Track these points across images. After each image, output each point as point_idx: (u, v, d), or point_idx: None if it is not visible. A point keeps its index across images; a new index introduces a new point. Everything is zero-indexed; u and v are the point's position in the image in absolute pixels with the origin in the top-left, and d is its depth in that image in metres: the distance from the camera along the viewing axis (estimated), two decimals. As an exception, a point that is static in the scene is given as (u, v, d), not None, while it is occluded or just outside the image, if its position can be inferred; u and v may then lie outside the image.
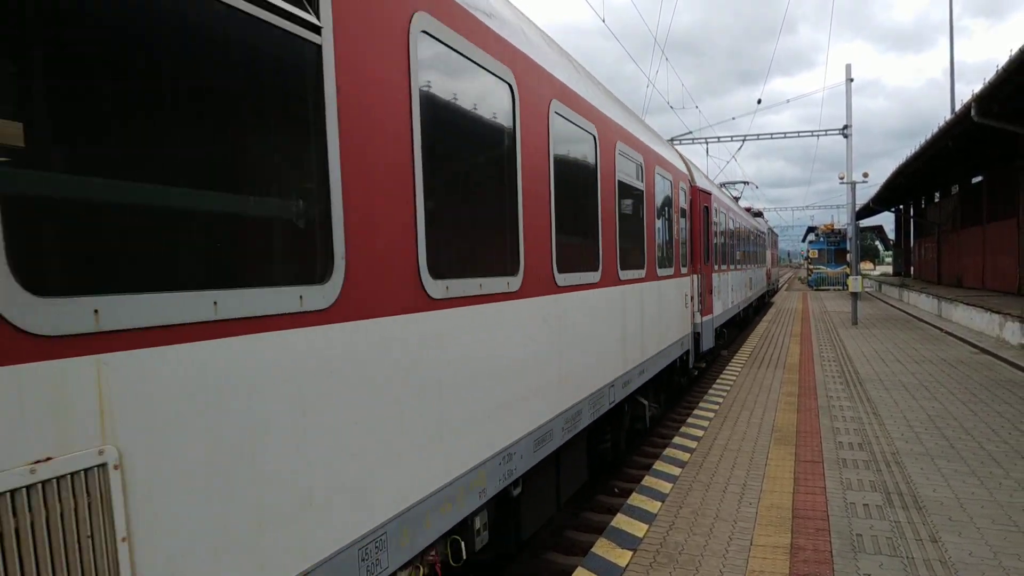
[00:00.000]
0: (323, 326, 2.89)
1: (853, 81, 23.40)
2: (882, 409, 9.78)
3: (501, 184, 4.73)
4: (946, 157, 26.57)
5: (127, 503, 2.05)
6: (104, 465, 1.99)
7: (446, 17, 3.92)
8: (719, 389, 11.76)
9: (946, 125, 22.30)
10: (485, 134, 4.55)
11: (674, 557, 5.06)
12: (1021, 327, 15.52)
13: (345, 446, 3.01)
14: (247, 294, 2.52)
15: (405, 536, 3.44)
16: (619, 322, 7.49)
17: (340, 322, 2.99)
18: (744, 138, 32.96)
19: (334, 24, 2.98)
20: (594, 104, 6.76)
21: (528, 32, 5.38)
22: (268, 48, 2.71)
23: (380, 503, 3.25)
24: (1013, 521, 5.55)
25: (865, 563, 4.86)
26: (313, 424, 2.83)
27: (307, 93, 2.90)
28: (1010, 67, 15.55)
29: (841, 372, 13.16)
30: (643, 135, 9.12)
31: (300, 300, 2.75)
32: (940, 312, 24.42)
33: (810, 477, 6.80)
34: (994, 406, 9.82)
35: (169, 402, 2.20)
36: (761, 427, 8.89)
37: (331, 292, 2.93)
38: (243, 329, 2.49)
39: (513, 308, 4.77)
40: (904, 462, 7.22)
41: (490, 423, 4.42)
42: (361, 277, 3.14)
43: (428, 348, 3.69)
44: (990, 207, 28.59)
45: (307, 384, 2.80)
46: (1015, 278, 24.34)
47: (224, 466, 2.39)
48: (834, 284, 48.88)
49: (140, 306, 2.11)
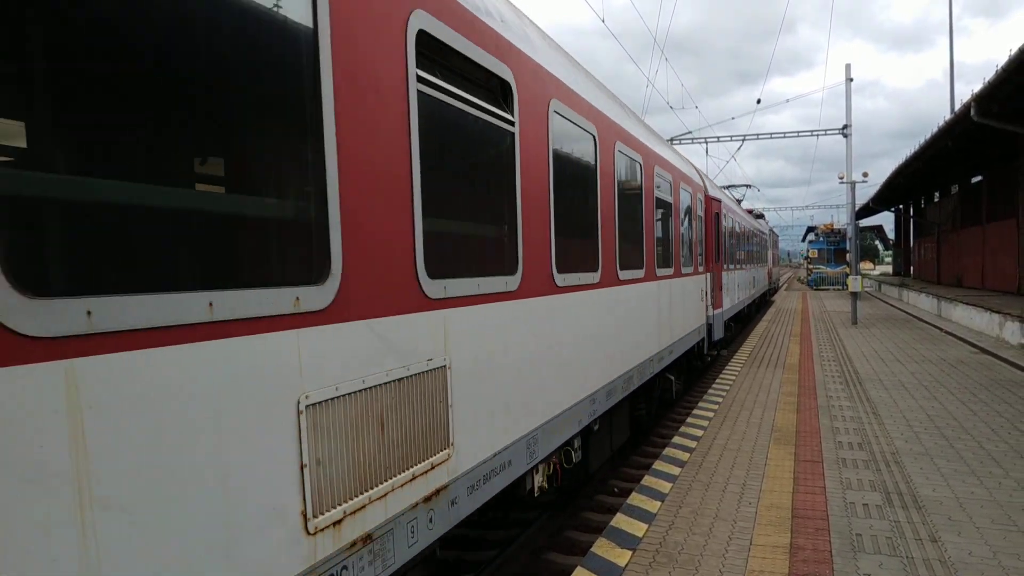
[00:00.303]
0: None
1: (853, 81, 23.42)
2: (882, 409, 9.78)
3: (586, 197, 6.56)
4: (946, 157, 26.57)
5: (452, 386, 3.93)
6: (444, 366, 3.84)
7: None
8: (719, 389, 11.76)
9: (946, 125, 22.31)
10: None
11: (673, 557, 5.06)
12: (1021, 327, 15.52)
13: (525, 379, 4.96)
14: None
15: (545, 441, 5.37)
16: (655, 310, 9.40)
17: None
18: (744, 138, 32.97)
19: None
20: (639, 137, 8.64)
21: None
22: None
23: (538, 414, 5.23)
24: (1012, 521, 5.54)
25: (865, 563, 4.86)
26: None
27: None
28: (1009, 67, 15.55)
29: (841, 372, 13.16)
30: (673, 159, 11.51)
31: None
32: (940, 312, 24.43)
33: (810, 477, 6.79)
34: (994, 406, 9.82)
35: (472, 331, 4.18)
36: (761, 427, 8.89)
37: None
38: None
39: (595, 295, 6.72)
40: (904, 462, 7.22)
41: (587, 376, 6.43)
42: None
43: (555, 319, 5.60)
44: (990, 207, 28.60)
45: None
46: (1015, 278, 24.34)
47: (494, 374, 4.48)
48: (834, 284, 48.90)
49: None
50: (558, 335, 5.66)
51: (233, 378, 2.44)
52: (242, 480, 2.47)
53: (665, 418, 12.33)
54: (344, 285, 3.01)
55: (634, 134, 8.33)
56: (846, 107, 24.19)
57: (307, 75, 2.86)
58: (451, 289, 3.92)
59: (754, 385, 11.97)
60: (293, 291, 2.72)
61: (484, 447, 4.36)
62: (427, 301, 3.68)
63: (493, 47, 4.49)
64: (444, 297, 3.85)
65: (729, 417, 9.52)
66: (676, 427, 11.16)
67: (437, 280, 3.75)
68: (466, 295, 4.12)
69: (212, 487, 2.35)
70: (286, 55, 2.78)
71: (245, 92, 2.65)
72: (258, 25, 2.63)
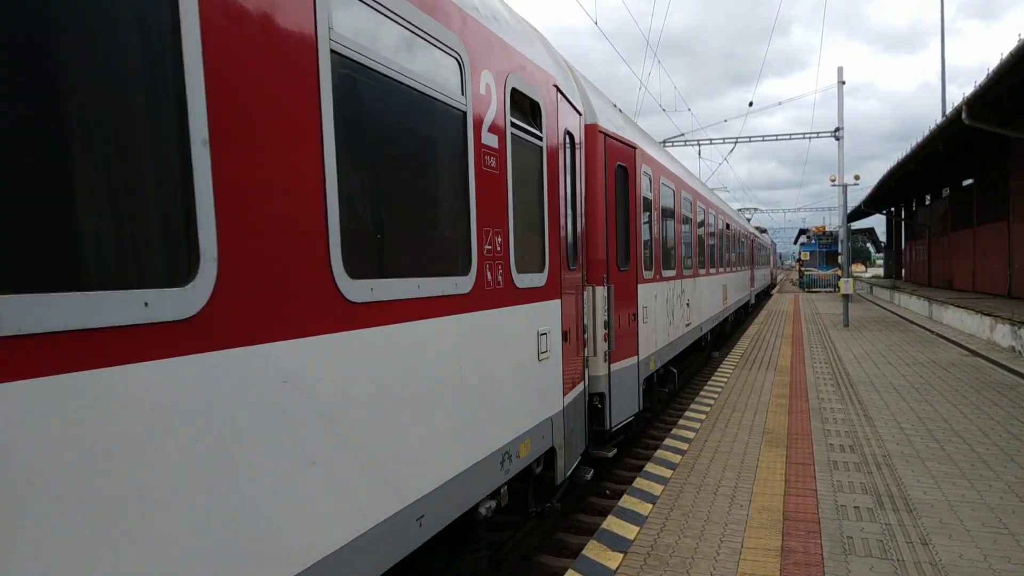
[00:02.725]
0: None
1: (845, 84, 23.50)
2: (873, 411, 9.80)
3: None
4: (937, 160, 26.73)
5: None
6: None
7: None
8: (710, 391, 11.76)
9: (937, 128, 22.43)
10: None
11: (665, 559, 5.04)
12: (1011, 329, 15.60)
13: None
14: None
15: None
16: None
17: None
18: (736, 140, 33.09)
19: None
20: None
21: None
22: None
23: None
24: (1003, 523, 5.55)
25: (856, 565, 4.85)
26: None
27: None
28: (1000, 71, 15.65)
29: (832, 374, 13.18)
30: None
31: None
32: (931, 314, 24.54)
33: (801, 479, 6.79)
34: (984, 408, 9.85)
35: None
36: (752, 429, 8.88)
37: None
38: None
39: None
40: (895, 464, 7.22)
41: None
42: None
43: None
44: (980, 210, 28.78)
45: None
46: (1005, 280, 24.50)
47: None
48: (825, 286, 49.06)
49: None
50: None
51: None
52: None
53: (657, 420, 12.31)
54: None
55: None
56: (838, 110, 24.27)
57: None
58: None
59: (745, 387, 11.97)
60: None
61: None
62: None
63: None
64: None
65: (721, 419, 9.51)
66: (668, 429, 11.15)
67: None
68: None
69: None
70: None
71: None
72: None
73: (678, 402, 13.73)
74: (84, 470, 1.87)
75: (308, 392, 2.78)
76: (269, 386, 2.55)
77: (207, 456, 2.27)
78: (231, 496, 2.37)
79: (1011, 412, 9.56)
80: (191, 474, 2.21)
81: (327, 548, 2.87)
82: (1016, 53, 14.64)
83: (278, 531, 2.59)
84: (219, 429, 2.31)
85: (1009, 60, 15.04)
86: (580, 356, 6.89)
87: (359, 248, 3.18)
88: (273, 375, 2.57)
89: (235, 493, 2.39)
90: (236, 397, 2.39)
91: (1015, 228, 23.98)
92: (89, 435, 1.89)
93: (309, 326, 2.77)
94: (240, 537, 2.41)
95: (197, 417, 2.23)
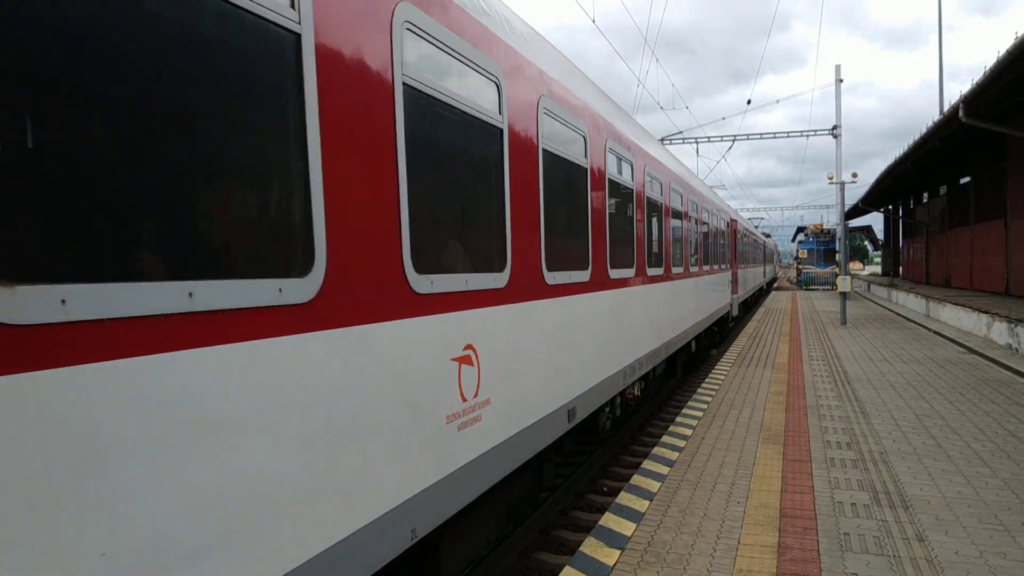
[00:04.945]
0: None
1: (842, 81, 23.52)
2: (870, 408, 9.81)
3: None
4: (934, 158, 26.73)
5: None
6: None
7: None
8: (708, 388, 11.76)
9: (934, 126, 22.42)
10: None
11: (662, 556, 5.04)
12: (1008, 327, 15.62)
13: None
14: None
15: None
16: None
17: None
18: (734, 138, 33.10)
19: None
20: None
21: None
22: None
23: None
24: (999, 520, 5.56)
25: (852, 562, 4.85)
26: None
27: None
28: (997, 68, 15.63)
29: (830, 371, 13.20)
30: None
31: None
32: (928, 312, 24.57)
33: (798, 476, 6.79)
34: (981, 405, 9.86)
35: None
36: (749, 426, 8.89)
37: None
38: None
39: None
40: (891, 461, 7.24)
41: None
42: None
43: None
44: (978, 208, 28.79)
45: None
46: (1002, 278, 24.52)
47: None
48: (823, 284, 49.15)
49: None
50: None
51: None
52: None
53: (654, 417, 12.33)
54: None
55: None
56: (836, 108, 24.30)
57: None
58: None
59: (743, 385, 11.98)
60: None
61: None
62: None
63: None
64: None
65: (718, 416, 9.52)
66: (665, 426, 11.16)
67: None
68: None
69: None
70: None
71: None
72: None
73: (676, 399, 13.75)
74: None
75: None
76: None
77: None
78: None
79: (1007, 409, 9.58)
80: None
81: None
82: (1013, 51, 14.62)
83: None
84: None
85: (1006, 57, 15.03)
86: (729, 290, 22.36)
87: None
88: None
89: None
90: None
91: (1012, 226, 24.00)
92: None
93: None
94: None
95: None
